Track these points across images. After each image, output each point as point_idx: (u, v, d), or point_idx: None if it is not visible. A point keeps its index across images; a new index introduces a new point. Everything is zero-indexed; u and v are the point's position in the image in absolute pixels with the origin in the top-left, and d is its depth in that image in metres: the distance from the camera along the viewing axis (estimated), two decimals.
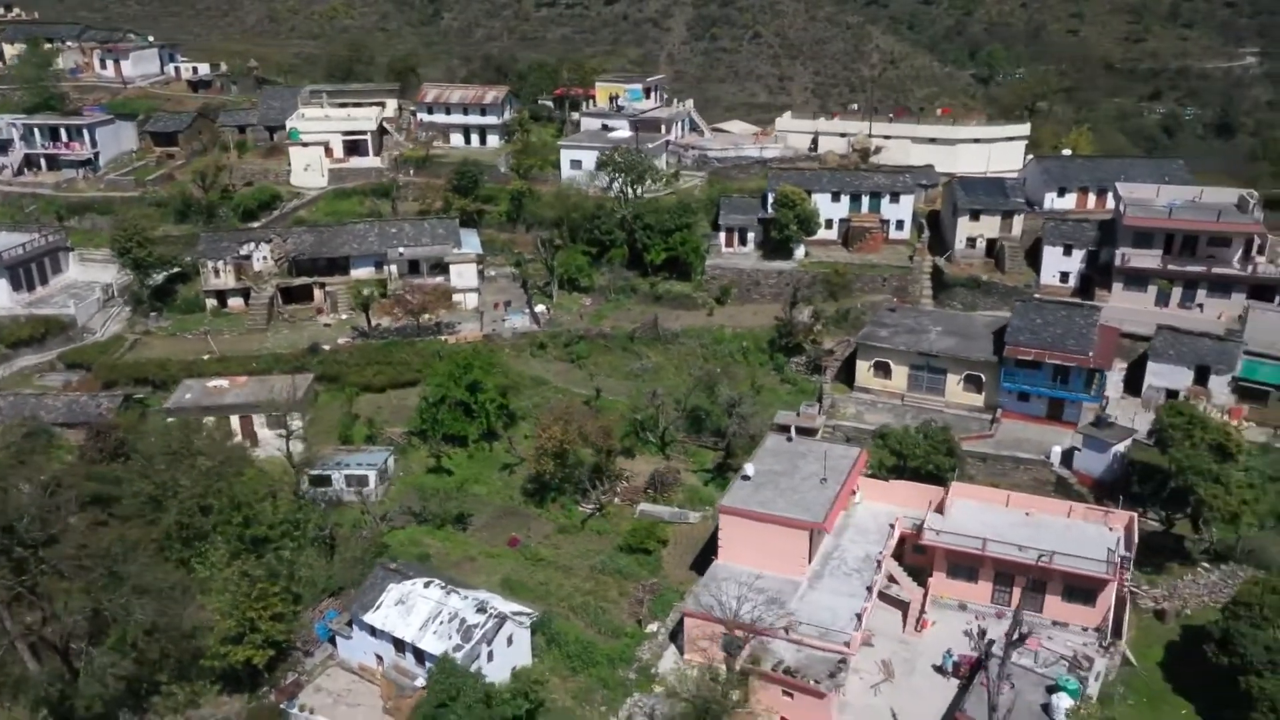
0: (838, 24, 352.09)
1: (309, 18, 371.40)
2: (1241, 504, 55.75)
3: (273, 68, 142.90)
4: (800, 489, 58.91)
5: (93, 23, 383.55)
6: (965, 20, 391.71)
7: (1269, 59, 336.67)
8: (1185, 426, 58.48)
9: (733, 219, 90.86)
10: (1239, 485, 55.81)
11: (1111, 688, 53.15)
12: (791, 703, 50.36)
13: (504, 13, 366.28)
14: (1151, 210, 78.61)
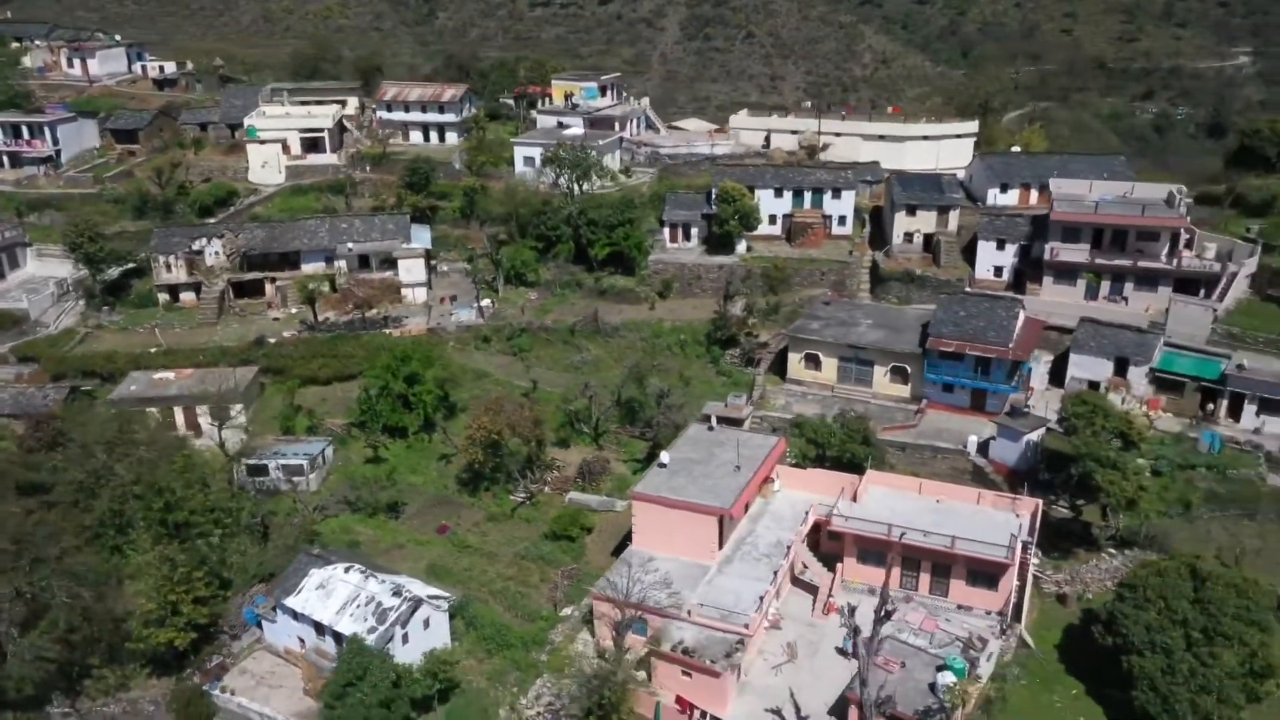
0: (830, 23, 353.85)
1: (303, 18, 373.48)
2: (1139, 490, 57.05)
3: (239, 66, 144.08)
4: (713, 476, 60.27)
5: (89, 22, 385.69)
6: (959, 20, 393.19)
7: (1262, 58, 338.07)
8: (1088, 415, 59.83)
9: (677, 214, 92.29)
10: (1135, 471, 57.10)
11: (1007, 668, 54.57)
12: (690, 682, 51.72)
13: (498, 12, 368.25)
14: (1080, 205, 79.93)
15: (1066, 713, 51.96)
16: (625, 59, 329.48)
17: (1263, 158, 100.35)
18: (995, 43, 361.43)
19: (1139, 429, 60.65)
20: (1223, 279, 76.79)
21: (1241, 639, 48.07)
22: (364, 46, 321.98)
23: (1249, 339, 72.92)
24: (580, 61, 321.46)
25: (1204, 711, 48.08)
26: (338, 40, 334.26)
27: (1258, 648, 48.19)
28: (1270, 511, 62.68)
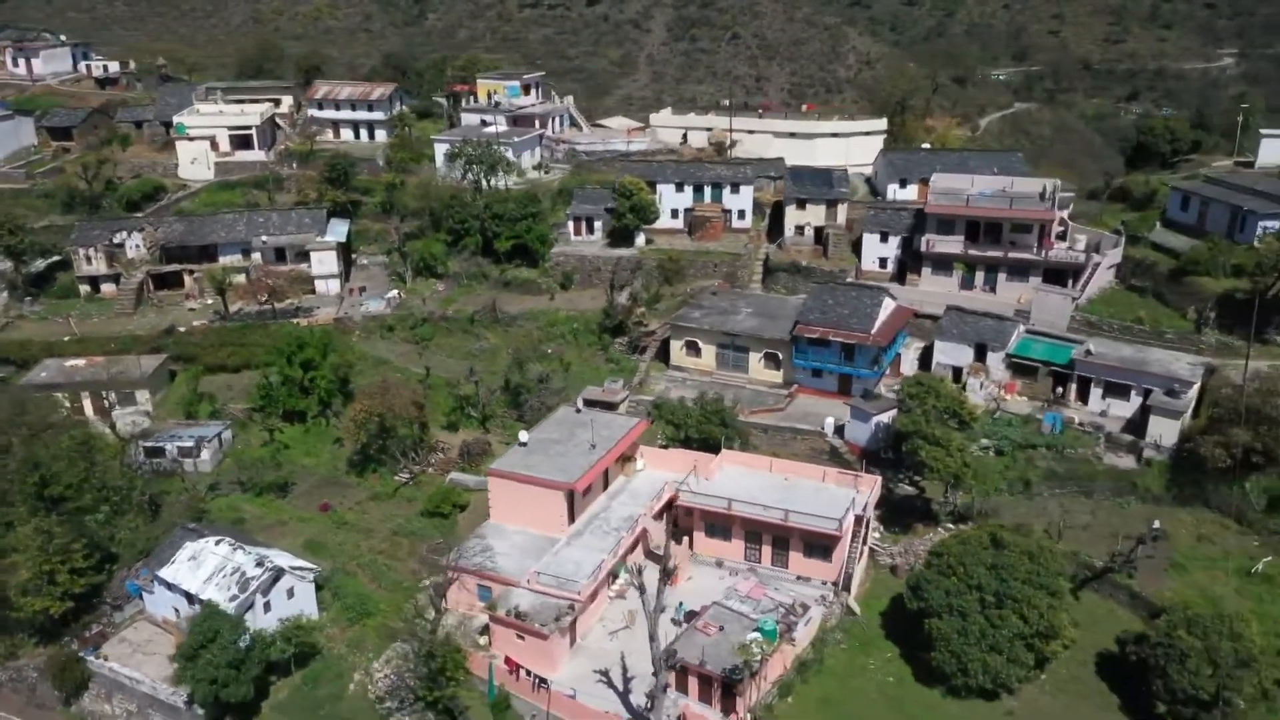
0: (815, 25, 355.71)
1: (293, 18, 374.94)
2: (963, 465, 60.18)
3: (181, 66, 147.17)
4: (569, 455, 63.37)
5: (80, 23, 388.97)
6: (946, 21, 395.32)
7: (1246, 60, 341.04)
8: (921, 395, 62.95)
9: (582, 209, 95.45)
10: (960, 448, 60.19)
11: (830, 633, 57.77)
12: (523, 644, 54.88)
13: (487, 14, 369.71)
14: (955, 199, 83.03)
15: (877, 673, 55.16)
16: (612, 60, 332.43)
17: (1158, 154, 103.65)
18: (982, 45, 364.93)
19: (970, 409, 63.76)
20: (1087, 269, 79.90)
21: (1030, 602, 51.22)
22: (353, 47, 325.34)
23: (1105, 326, 76.09)
24: (566, 63, 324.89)
25: (993, 671, 51.33)
26: (325, 41, 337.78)
27: (1044, 611, 51.36)
28: (1105, 488, 65.84)
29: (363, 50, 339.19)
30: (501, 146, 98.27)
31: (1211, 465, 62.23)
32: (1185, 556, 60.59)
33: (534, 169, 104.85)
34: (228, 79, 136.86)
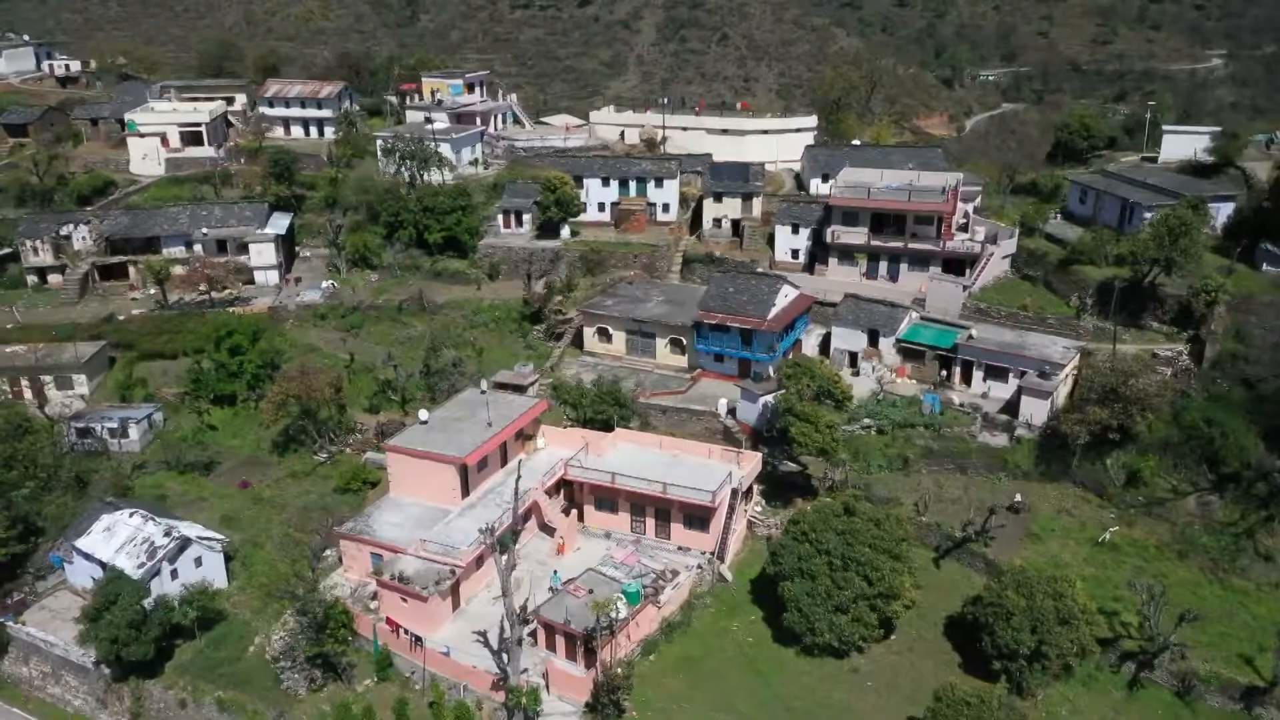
0: (803, 26, 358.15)
1: (285, 19, 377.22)
2: (831, 441, 63.70)
3: (140, 65, 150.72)
4: (466, 432, 66.94)
5: (73, 24, 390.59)
6: (937, 23, 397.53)
7: (1234, 61, 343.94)
8: (796, 375, 66.45)
9: (512, 202, 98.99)
10: (827, 425, 63.68)
11: (701, 599, 61.31)
12: (406, 606, 58.43)
13: (479, 14, 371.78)
14: (859, 192, 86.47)
15: (739, 634, 58.72)
16: (602, 60, 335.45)
17: (1076, 150, 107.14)
18: (971, 45, 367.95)
19: (845, 388, 67.25)
20: (983, 259, 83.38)
21: (873, 565, 54.74)
22: (343, 49, 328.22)
23: (993, 312, 79.57)
24: (557, 63, 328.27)
25: (839, 629, 54.89)
26: (317, 42, 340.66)
27: (887, 573, 54.87)
28: (978, 465, 69.28)
29: (353, 51, 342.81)
30: (437, 142, 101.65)
31: (1073, 442, 65.76)
32: (1043, 528, 64.13)
33: (470, 164, 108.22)
34: (188, 78, 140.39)
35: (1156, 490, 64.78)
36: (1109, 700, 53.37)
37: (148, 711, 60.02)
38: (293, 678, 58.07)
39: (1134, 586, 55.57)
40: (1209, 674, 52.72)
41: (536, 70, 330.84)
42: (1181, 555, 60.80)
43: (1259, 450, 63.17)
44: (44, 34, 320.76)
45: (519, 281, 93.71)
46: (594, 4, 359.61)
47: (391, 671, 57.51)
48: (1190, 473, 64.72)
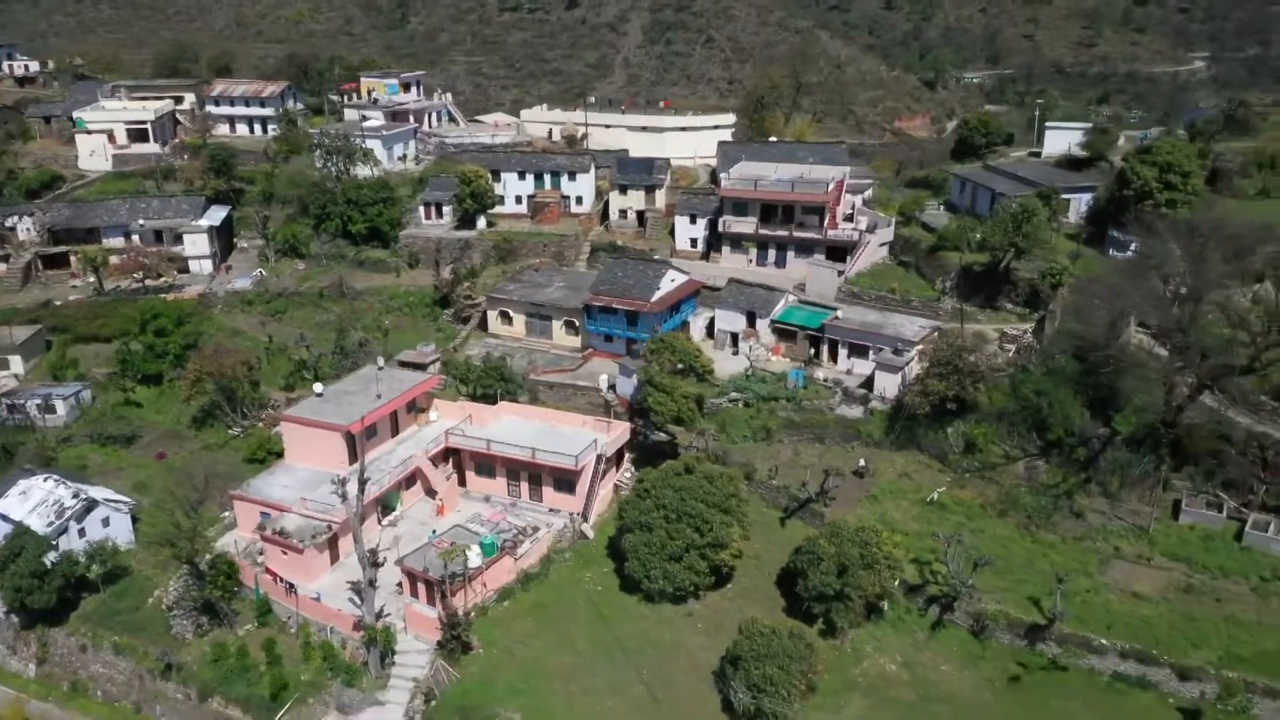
0: (787, 29, 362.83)
1: (275, 21, 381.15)
2: (686, 410, 69.15)
3: (96, 65, 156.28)
4: (356, 403, 72.32)
5: (66, 26, 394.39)
6: (923, 25, 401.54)
7: (1217, 63, 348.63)
8: (659, 351, 71.91)
9: (433, 195, 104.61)
10: (683, 395, 69.12)
11: (561, 554, 66.74)
12: (287, 559, 63.89)
13: (468, 17, 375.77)
14: (748, 184, 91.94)
15: (590, 584, 64.11)
16: (588, 62, 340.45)
17: (974, 146, 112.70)
18: (957, 48, 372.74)
19: (705, 362, 72.75)
20: (861, 246, 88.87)
21: (703, 517, 60.14)
22: (333, 51, 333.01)
23: (865, 295, 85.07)
24: (544, 65, 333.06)
25: (673, 576, 60.32)
26: (306, 44, 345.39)
27: (716, 525, 60.28)
28: (835, 435, 74.64)
29: (343, 53, 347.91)
30: (364, 139, 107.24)
31: (916, 412, 71.22)
32: (882, 490, 69.51)
33: (399, 159, 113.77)
34: (144, 78, 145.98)
35: (990, 456, 70.12)
36: (912, 639, 58.74)
37: (52, 656, 65.55)
38: (182, 624, 63.56)
39: (937, 536, 61.00)
40: (998, 613, 58.07)
41: (524, 72, 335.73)
42: (1001, 513, 66.18)
43: (1084, 419, 68.56)
44: (35, 36, 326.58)
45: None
46: (581, 6, 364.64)
47: (270, 617, 62.94)
48: (1021, 440, 70.05)
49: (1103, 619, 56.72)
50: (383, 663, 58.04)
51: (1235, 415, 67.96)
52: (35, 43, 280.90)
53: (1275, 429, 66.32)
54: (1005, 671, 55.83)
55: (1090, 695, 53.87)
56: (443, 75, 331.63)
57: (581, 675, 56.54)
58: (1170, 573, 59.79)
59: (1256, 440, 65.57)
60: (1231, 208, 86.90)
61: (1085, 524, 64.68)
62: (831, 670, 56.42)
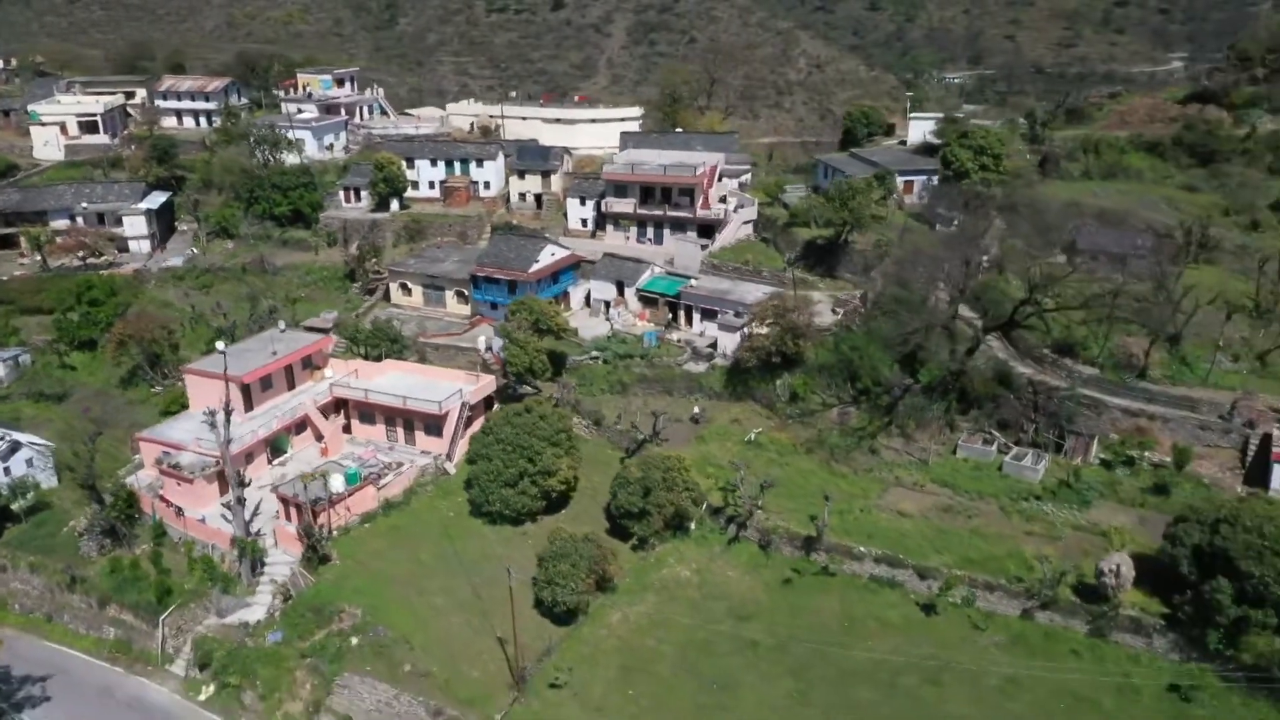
0: (768, 29, 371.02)
1: (264, 23, 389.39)
2: (538, 362, 78.54)
3: (54, 63, 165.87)
4: (253, 359, 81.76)
5: (58, 26, 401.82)
6: (906, 26, 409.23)
7: (1194, 63, 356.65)
8: (519, 312, 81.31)
9: (352, 180, 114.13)
10: (535, 350, 78.53)
11: (424, 487, 76.09)
12: (180, 488, 73.33)
13: (456, 18, 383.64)
14: (625, 169, 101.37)
15: (445, 511, 73.40)
16: (573, 63, 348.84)
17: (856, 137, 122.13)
18: (940, 48, 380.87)
19: (560, 322, 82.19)
20: (726, 224, 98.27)
21: (534, 449, 69.46)
22: (324, 52, 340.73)
23: (723, 267, 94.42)
24: (529, 65, 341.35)
25: (508, 500, 69.67)
26: (295, 46, 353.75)
27: (546, 456, 69.59)
28: (681, 388, 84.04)
29: (332, 54, 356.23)
30: (291, 129, 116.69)
31: (747, 366, 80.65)
32: (712, 433, 78.95)
33: (327, 149, 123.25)
34: (104, 74, 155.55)
35: (811, 404, 79.57)
36: (709, 552, 68.08)
37: None
38: (88, 545, 72.92)
39: (733, 465, 70.42)
40: (781, 529, 67.42)
41: (510, 73, 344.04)
42: (809, 451, 75.59)
43: (893, 371, 77.95)
44: (27, 37, 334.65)
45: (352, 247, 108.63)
46: (567, 8, 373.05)
47: (165, 539, 72.37)
48: (838, 390, 79.48)
49: (868, 532, 66.03)
50: (254, 572, 67.52)
51: (1020, 366, 77.61)
52: (27, 43, 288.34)
53: (1051, 377, 75.91)
54: (780, 576, 65.16)
55: (847, 593, 63.22)
56: (430, 76, 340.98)
57: (420, 581, 65.92)
58: (936, 496, 69.29)
59: (1033, 386, 75.14)
60: (1055, 188, 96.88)
61: (879, 459, 74.13)
62: (634, 575, 65.91)
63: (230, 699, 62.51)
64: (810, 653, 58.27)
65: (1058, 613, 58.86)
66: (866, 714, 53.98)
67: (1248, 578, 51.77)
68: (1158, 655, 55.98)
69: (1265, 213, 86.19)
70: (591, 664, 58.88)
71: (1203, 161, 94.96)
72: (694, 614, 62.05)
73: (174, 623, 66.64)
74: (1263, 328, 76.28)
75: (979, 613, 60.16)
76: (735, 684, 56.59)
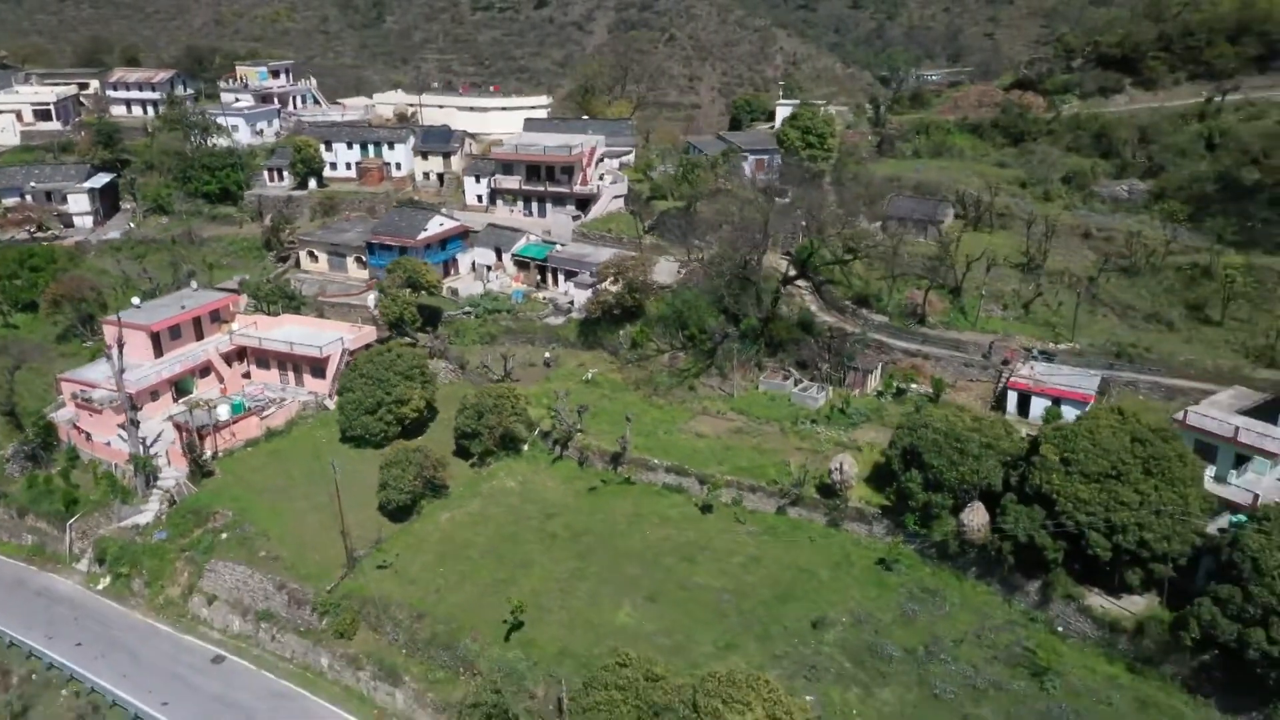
0: (746, 27, 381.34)
1: (252, 20, 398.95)
2: (408, 311, 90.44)
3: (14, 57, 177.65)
4: (163, 312, 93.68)
5: (48, 24, 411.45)
6: (887, 24, 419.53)
7: None
8: (397, 270, 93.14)
9: (275, 161, 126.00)
10: (405, 302, 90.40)
11: (306, 418, 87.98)
12: (92, 418, 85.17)
13: (441, 16, 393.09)
14: (509, 149, 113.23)
15: (320, 438, 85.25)
16: (555, 60, 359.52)
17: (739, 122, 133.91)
18: (920, 47, 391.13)
19: (430, 280, 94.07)
20: (600, 198, 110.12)
21: (390, 381, 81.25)
22: (308, 50, 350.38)
23: (590, 235, 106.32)
24: (512, 63, 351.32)
25: (367, 426, 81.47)
26: (283, 43, 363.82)
27: (400, 387, 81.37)
28: (541, 338, 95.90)
29: (318, 52, 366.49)
30: (225, 115, 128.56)
31: (593, 317, 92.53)
32: (559, 375, 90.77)
33: (258, 134, 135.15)
34: (65, 67, 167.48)
35: (647, 350, 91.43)
36: (535, 467, 79.89)
37: None
38: (12, 468, 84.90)
39: (555, 394, 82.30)
40: (593, 447, 79.24)
41: (493, 69, 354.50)
42: (636, 387, 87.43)
43: (718, 321, 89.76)
44: (19, 34, 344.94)
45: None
46: (550, 6, 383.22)
47: (78, 461, 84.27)
48: (670, 337, 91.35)
49: (666, 450, 77.81)
50: (148, 485, 79.46)
51: (825, 316, 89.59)
52: (19, 41, 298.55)
53: (849, 325, 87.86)
54: (589, 485, 76.98)
55: (641, 497, 74.96)
56: (414, 72, 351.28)
57: (286, 490, 77.88)
58: (733, 422, 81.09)
59: (831, 332, 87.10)
60: (886, 165, 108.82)
61: (695, 394, 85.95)
62: (468, 485, 77.81)
63: (122, 587, 74.67)
64: (597, 541, 70.08)
65: (804, 508, 70.72)
66: (629, 583, 65.74)
67: (929, 469, 63.61)
68: (876, 538, 67.88)
69: (1056, 185, 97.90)
70: (416, 551, 70.73)
71: (1014, 141, 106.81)
72: (510, 514, 73.92)
73: (80, 528, 78.73)
74: (1031, 281, 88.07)
75: (744, 510, 71.92)
76: (530, 564, 68.38)
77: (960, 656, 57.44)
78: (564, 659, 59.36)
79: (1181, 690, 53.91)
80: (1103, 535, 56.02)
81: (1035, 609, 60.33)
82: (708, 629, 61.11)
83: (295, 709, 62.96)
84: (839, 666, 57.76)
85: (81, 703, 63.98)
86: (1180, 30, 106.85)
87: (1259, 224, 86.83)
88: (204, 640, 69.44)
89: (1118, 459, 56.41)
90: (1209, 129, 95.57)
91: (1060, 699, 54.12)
